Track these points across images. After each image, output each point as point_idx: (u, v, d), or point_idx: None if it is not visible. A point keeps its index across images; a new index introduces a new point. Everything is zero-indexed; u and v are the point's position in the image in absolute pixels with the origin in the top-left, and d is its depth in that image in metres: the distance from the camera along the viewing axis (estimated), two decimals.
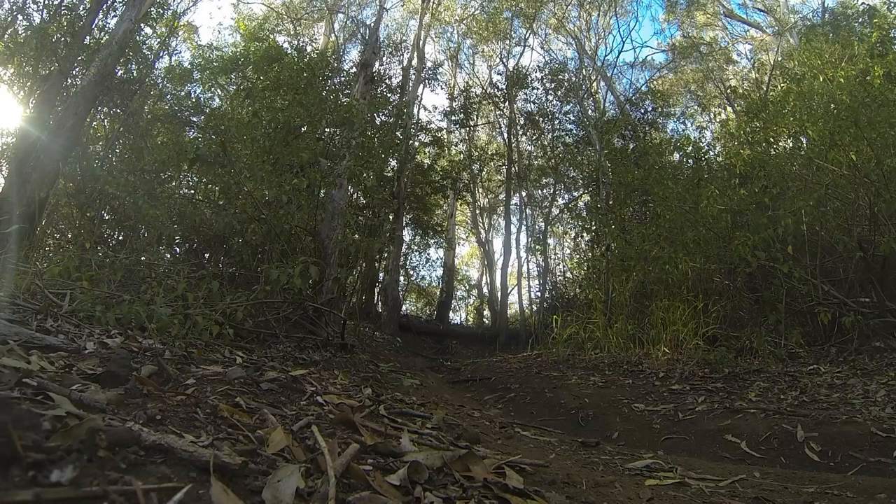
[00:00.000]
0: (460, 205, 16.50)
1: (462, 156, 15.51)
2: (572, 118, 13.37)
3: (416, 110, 13.12)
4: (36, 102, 6.00)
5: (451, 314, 14.76)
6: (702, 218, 5.39)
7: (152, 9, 7.42)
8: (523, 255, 14.35)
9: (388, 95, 11.82)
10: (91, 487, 0.65)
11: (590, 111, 12.87)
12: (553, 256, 14.53)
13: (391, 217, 10.60)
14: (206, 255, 5.79)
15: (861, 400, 2.84)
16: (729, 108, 11.61)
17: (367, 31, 11.90)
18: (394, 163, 11.09)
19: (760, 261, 4.38)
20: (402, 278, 13.93)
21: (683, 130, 12.78)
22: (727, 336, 4.60)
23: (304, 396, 1.70)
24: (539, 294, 12.89)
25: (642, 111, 13.00)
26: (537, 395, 3.96)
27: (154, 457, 0.79)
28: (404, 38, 14.88)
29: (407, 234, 13.43)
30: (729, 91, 11.05)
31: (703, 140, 7.74)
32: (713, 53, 13.78)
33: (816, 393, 3.10)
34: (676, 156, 7.49)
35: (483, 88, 14.79)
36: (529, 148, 14.78)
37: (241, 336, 3.33)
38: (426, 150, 13.82)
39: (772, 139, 5.96)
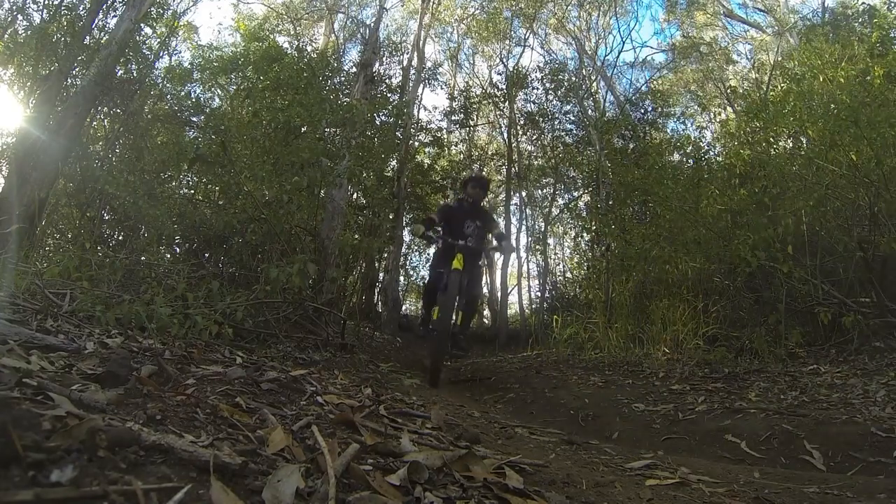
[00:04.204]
0: None
1: (462, 156, 15.52)
2: (572, 118, 13.36)
3: (416, 110, 13.13)
4: (36, 102, 5.99)
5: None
6: (702, 218, 5.39)
7: (152, 9, 7.41)
8: (523, 255, 14.36)
9: (388, 95, 11.82)
10: (91, 487, 0.65)
11: (590, 111, 12.86)
12: (553, 256, 14.54)
13: (391, 217, 10.60)
14: (206, 255, 5.79)
15: (861, 400, 2.84)
16: (729, 108, 11.61)
17: (367, 31, 11.91)
18: (394, 163, 11.10)
19: (760, 261, 4.38)
20: (402, 278, 13.93)
21: (683, 130, 12.76)
22: (727, 336, 4.60)
23: (304, 396, 1.70)
24: (539, 294, 12.89)
25: (642, 111, 12.99)
26: (537, 395, 3.96)
27: (154, 457, 0.79)
28: (404, 38, 14.90)
29: (407, 234, 13.44)
30: (729, 91, 11.05)
31: (703, 140, 7.73)
32: (713, 53, 13.78)
33: (816, 393, 3.10)
34: (676, 156, 7.49)
35: (483, 88, 14.79)
36: (529, 148, 14.77)
37: (241, 336, 3.33)
38: (426, 150, 13.82)
39: (772, 139, 5.96)
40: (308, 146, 5.46)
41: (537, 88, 13.71)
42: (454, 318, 4.40)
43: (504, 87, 13.85)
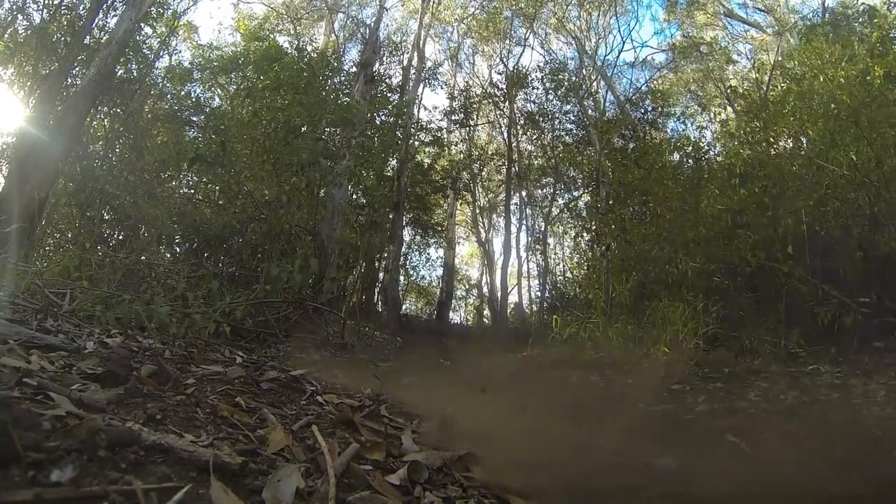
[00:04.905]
0: (460, 204, 16.50)
1: (462, 155, 15.51)
2: (572, 118, 13.35)
3: (416, 110, 13.11)
4: (36, 102, 5.99)
5: (451, 314, 14.76)
6: (702, 218, 5.39)
7: (152, 8, 7.41)
8: (523, 254, 14.36)
9: (389, 95, 11.81)
10: (91, 487, 0.65)
11: (590, 111, 12.86)
12: (553, 256, 14.54)
13: (391, 216, 10.60)
14: (206, 255, 5.79)
15: (861, 400, 2.84)
16: (729, 108, 11.60)
17: (368, 31, 11.91)
18: (394, 162, 11.10)
19: (760, 261, 4.38)
20: (402, 278, 13.94)
21: (683, 130, 12.75)
22: (727, 336, 4.60)
23: (303, 396, 1.70)
24: (539, 294, 12.90)
25: (642, 111, 12.98)
26: (537, 396, 3.95)
27: (154, 456, 0.79)
28: (404, 38, 14.88)
29: (407, 234, 13.45)
30: (729, 91, 11.03)
31: (703, 140, 7.73)
32: (713, 53, 13.77)
33: (816, 393, 3.10)
34: (676, 156, 7.49)
35: (483, 88, 14.78)
36: (529, 148, 14.77)
37: (240, 335, 3.34)
38: (426, 149, 13.82)
39: (772, 139, 5.95)
40: (307, 146, 5.46)
41: (537, 88, 13.72)
42: None
43: (504, 86, 13.85)
